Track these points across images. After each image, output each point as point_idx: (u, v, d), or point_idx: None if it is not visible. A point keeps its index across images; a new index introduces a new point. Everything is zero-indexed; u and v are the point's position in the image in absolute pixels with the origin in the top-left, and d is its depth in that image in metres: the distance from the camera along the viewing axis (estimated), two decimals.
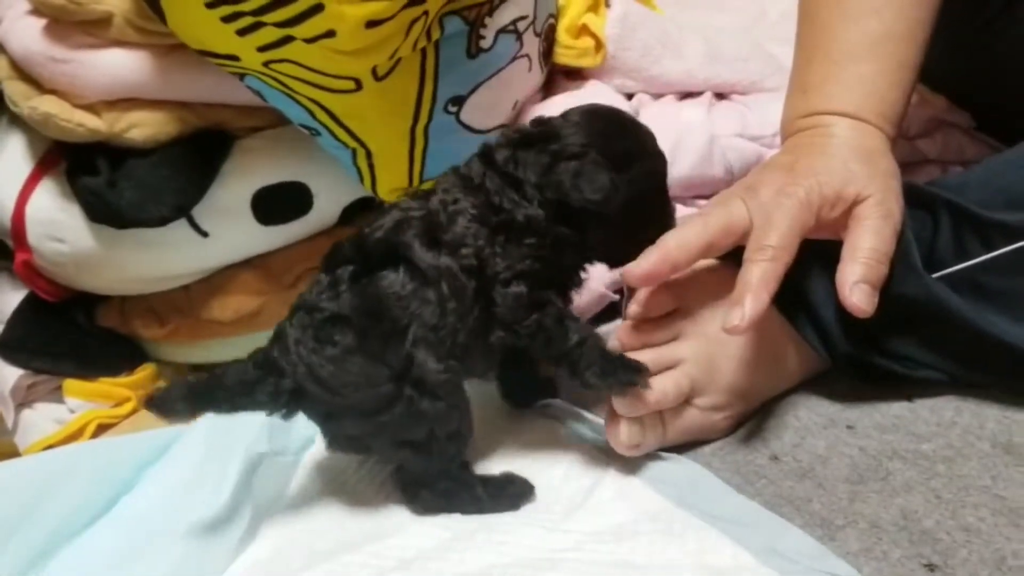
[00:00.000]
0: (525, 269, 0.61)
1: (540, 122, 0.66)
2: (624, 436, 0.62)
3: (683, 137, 0.89)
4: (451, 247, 0.61)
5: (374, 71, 0.75)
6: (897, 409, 0.66)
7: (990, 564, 0.52)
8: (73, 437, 0.86)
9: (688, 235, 0.63)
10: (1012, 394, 0.64)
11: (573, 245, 0.64)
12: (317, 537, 0.66)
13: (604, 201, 0.61)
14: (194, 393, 0.62)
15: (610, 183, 0.61)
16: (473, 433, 0.64)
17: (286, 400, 0.61)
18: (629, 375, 0.60)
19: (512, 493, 0.63)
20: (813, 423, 0.66)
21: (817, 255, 0.66)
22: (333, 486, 0.71)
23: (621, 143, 0.64)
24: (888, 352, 0.66)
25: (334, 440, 0.64)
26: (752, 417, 0.67)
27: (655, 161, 0.66)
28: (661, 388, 0.62)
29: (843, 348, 0.66)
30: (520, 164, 0.63)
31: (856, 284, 0.60)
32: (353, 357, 0.59)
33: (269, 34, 0.70)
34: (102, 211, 0.81)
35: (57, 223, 0.84)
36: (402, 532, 0.64)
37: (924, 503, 0.57)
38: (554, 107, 0.92)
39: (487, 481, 0.64)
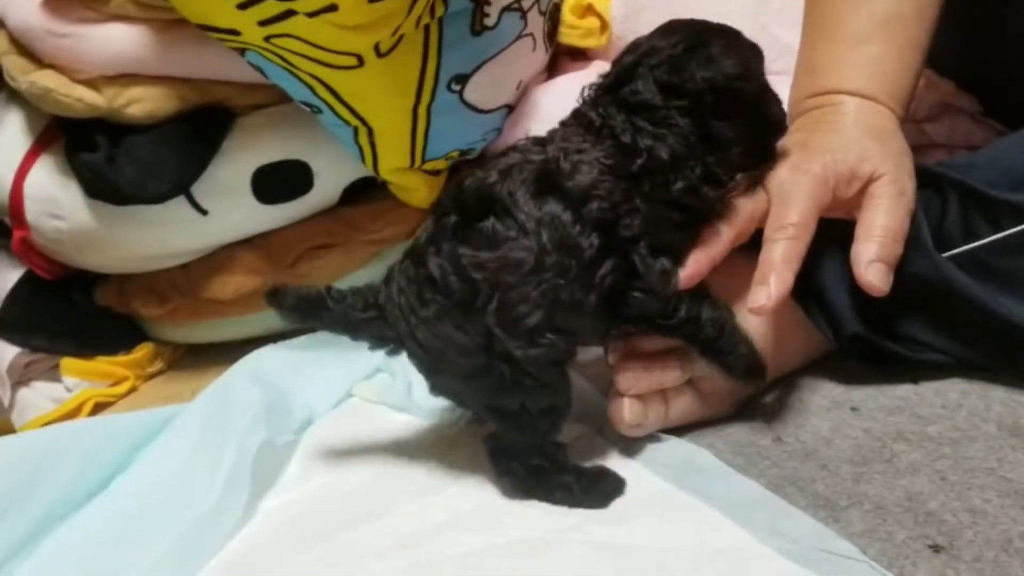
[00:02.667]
0: (669, 240, 0.58)
1: (628, 49, 0.61)
2: (627, 415, 0.61)
3: None
4: (574, 198, 0.56)
5: (376, 47, 0.74)
6: (903, 391, 0.65)
7: (996, 545, 0.51)
8: (70, 415, 0.86)
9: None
10: (1019, 376, 0.63)
11: (720, 157, 0.59)
12: (314, 517, 0.65)
13: (747, 74, 0.59)
14: (306, 306, 0.61)
15: (746, 55, 0.60)
16: (571, 410, 0.60)
17: (390, 347, 0.61)
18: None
19: (604, 489, 0.59)
20: (817, 405, 0.65)
21: (824, 235, 0.65)
22: (331, 467, 0.70)
23: (722, 29, 0.62)
24: (895, 334, 0.66)
25: (435, 388, 0.62)
26: (756, 398, 0.66)
27: (756, 52, 0.64)
28: (666, 365, 0.61)
29: (850, 329, 0.65)
30: (638, 79, 0.58)
31: (872, 263, 0.59)
32: (442, 323, 0.56)
33: (270, 7, 0.70)
34: (100, 188, 0.81)
35: (55, 200, 0.83)
36: (399, 512, 0.63)
37: (929, 485, 0.56)
38: (558, 88, 0.92)
39: (580, 471, 0.60)
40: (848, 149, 0.62)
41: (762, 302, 0.57)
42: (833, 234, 0.63)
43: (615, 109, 0.58)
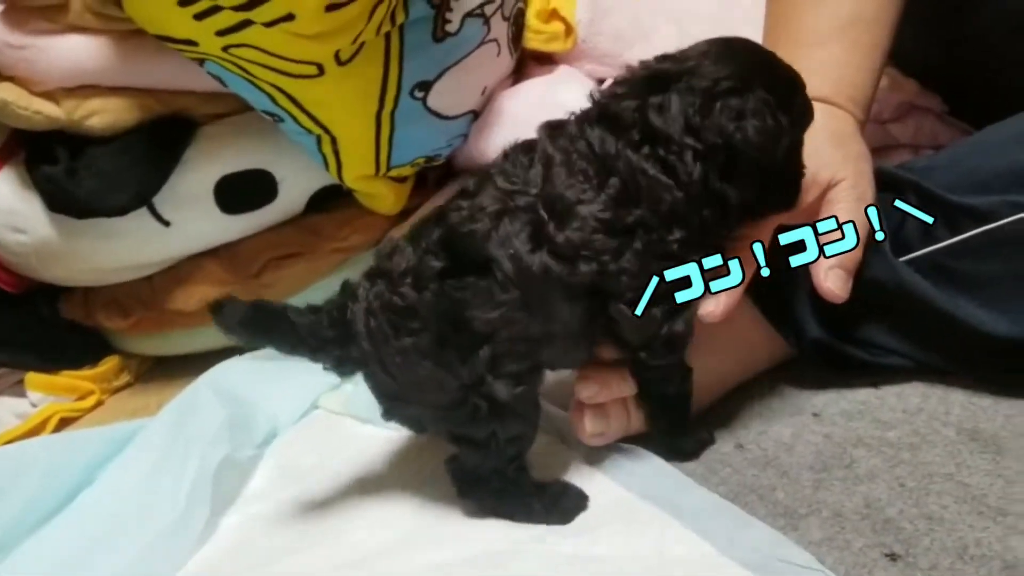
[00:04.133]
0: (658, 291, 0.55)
1: (667, 57, 0.57)
2: (588, 424, 0.61)
3: None
4: (562, 254, 0.54)
5: (337, 55, 0.74)
6: (863, 396, 0.65)
7: (952, 553, 0.51)
8: (35, 431, 0.85)
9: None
10: (978, 380, 0.63)
11: (723, 213, 0.55)
12: (276, 533, 0.65)
13: (769, 145, 0.54)
14: (258, 320, 0.57)
15: (777, 124, 0.54)
16: (535, 437, 0.60)
17: (350, 367, 0.58)
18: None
19: (566, 506, 0.59)
20: (779, 410, 0.65)
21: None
22: (294, 481, 0.70)
23: (778, 75, 0.57)
24: (856, 339, 0.66)
25: (390, 413, 0.60)
26: (718, 405, 0.66)
27: (806, 98, 0.59)
28: (627, 375, 0.61)
29: (811, 335, 0.65)
30: (671, 94, 0.54)
31: (831, 269, 0.59)
32: (425, 360, 0.55)
33: (227, 18, 0.69)
34: (62, 201, 0.80)
35: (17, 213, 0.82)
36: (363, 526, 0.63)
37: (888, 491, 0.56)
38: (524, 93, 0.91)
39: (542, 489, 0.59)
40: (807, 156, 0.62)
41: (709, 309, 0.57)
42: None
43: (634, 134, 0.54)
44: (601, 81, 0.95)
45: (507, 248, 0.53)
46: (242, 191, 0.84)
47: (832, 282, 0.58)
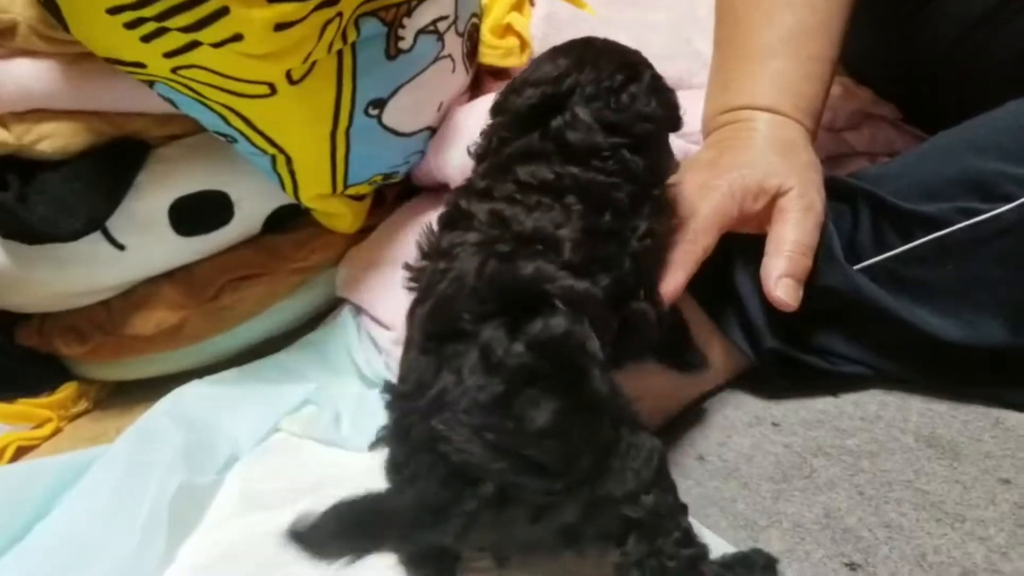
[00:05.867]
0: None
1: (525, 84, 0.58)
2: None
3: None
4: (584, 271, 0.51)
5: (288, 75, 0.73)
6: (823, 404, 0.65)
7: (911, 561, 0.51)
8: None
9: None
10: (935, 386, 0.64)
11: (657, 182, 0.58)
12: (236, 560, 0.64)
13: (677, 113, 0.59)
14: (351, 526, 0.46)
15: (670, 90, 0.59)
16: None
17: (490, 515, 0.46)
18: None
19: None
20: (739, 421, 0.65)
21: (741, 252, 0.65)
22: (255, 507, 0.69)
23: (634, 54, 0.61)
24: (813, 347, 0.66)
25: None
26: (678, 416, 0.66)
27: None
28: None
29: (768, 345, 0.65)
30: (571, 126, 0.55)
31: (780, 278, 0.59)
32: (567, 415, 0.46)
33: (174, 39, 0.68)
34: (13, 227, 0.78)
35: None
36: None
37: (847, 500, 0.56)
38: (481, 108, 0.91)
39: None
40: (755, 165, 0.62)
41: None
42: (748, 251, 0.63)
43: (559, 160, 0.54)
44: None
45: (556, 280, 0.50)
46: (197, 213, 0.82)
47: (782, 291, 0.58)
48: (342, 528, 0.46)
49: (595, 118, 0.55)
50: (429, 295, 0.52)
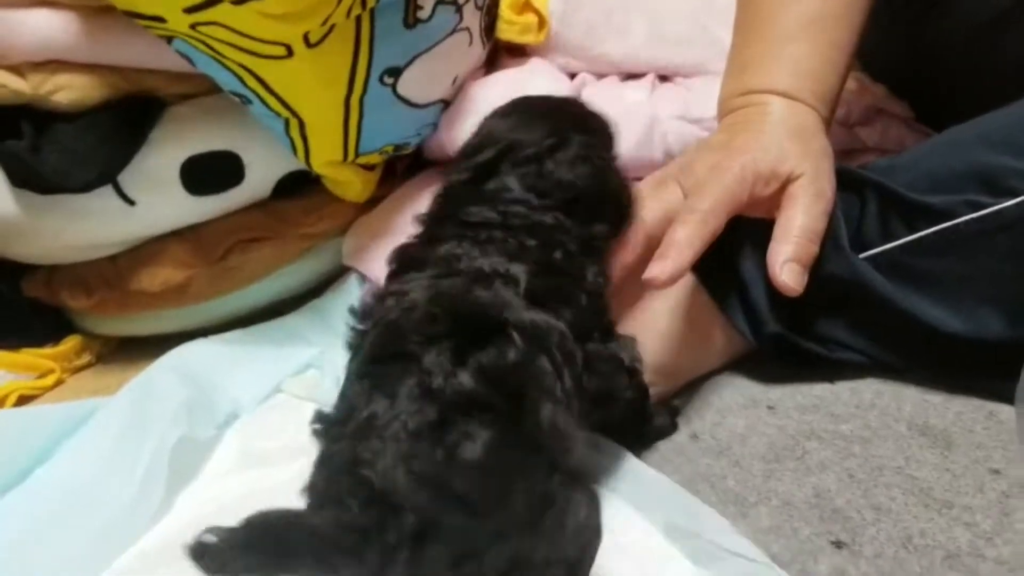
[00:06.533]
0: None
1: (484, 140, 0.60)
2: None
3: (624, 119, 0.87)
4: (543, 304, 0.50)
5: (306, 37, 0.73)
6: (819, 390, 0.66)
7: (896, 542, 0.51)
8: None
9: (627, 234, 0.61)
10: (931, 377, 0.64)
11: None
12: (231, 513, 0.64)
13: (606, 180, 0.58)
14: (263, 541, 0.43)
15: (601, 157, 0.58)
16: None
17: (407, 549, 0.42)
18: None
19: None
20: (735, 403, 0.66)
21: (748, 236, 0.66)
22: (253, 463, 0.70)
23: (578, 115, 0.62)
24: (813, 334, 0.67)
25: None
26: (676, 396, 0.66)
27: (603, 123, 0.64)
28: None
29: (770, 329, 0.66)
30: (502, 176, 0.56)
31: (786, 263, 0.60)
32: (503, 451, 0.43)
33: None
34: (25, 176, 0.79)
35: None
36: None
37: (837, 482, 0.57)
38: (496, 83, 0.91)
39: None
40: (768, 149, 0.63)
41: (654, 275, 0.57)
42: (755, 235, 0.64)
43: (501, 203, 0.55)
44: (573, 75, 0.96)
45: (510, 307, 0.48)
46: (208, 173, 0.83)
47: (787, 276, 0.59)
48: (253, 543, 0.43)
49: (521, 185, 0.56)
50: (376, 325, 0.49)
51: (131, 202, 0.82)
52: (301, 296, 0.90)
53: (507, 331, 0.46)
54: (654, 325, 0.66)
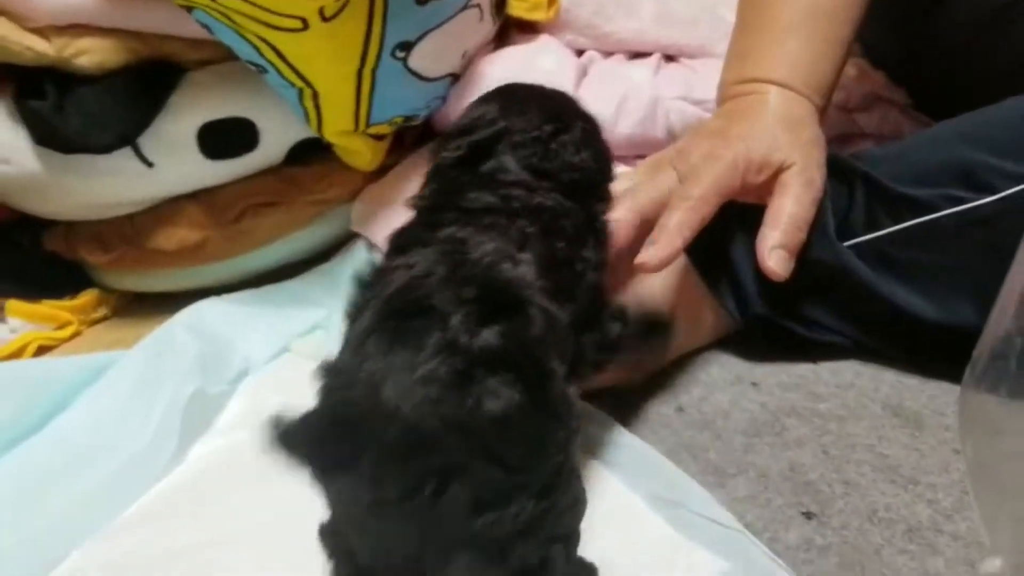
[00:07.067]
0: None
1: (475, 122, 0.60)
2: None
3: (628, 97, 0.90)
4: (550, 296, 0.50)
5: (321, 11, 0.76)
6: (802, 370, 0.69)
7: (862, 515, 0.55)
8: (13, 356, 0.87)
9: (619, 215, 0.63)
10: (908, 361, 0.68)
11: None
12: (241, 464, 0.67)
13: (607, 166, 0.60)
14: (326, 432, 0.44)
15: (599, 141, 0.61)
16: None
17: (433, 483, 0.41)
18: None
19: None
20: (721, 379, 0.69)
21: (739, 221, 0.69)
22: (258, 419, 0.72)
23: (570, 104, 0.63)
24: (798, 316, 0.70)
25: None
26: (663, 371, 0.70)
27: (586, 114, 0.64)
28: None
29: (756, 310, 0.69)
30: (500, 157, 0.57)
31: (774, 249, 0.63)
32: (528, 412, 0.43)
33: None
34: (48, 135, 0.82)
35: (2, 144, 0.84)
36: None
37: (812, 457, 0.60)
38: (504, 58, 0.94)
39: None
40: (762, 139, 0.65)
41: (645, 259, 0.60)
42: (746, 220, 0.67)
43: (499, 187, 0.55)
44: (580, 52, 0.98)
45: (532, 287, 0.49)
46: (224, 138, 0.85)
47: (774, 261, 0.62)
48: (316, 435, 0.44)
49: (522, 166, 0.57)
50: (384, 289, 0.48)
51: (150, 164, 0.85)
52: (310, 259, 0.93)
53: (529, 309, 0.46)
54: (648, 305, 0.69)
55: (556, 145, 0.58)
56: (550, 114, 0.60)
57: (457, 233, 0.51)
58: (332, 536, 0.49)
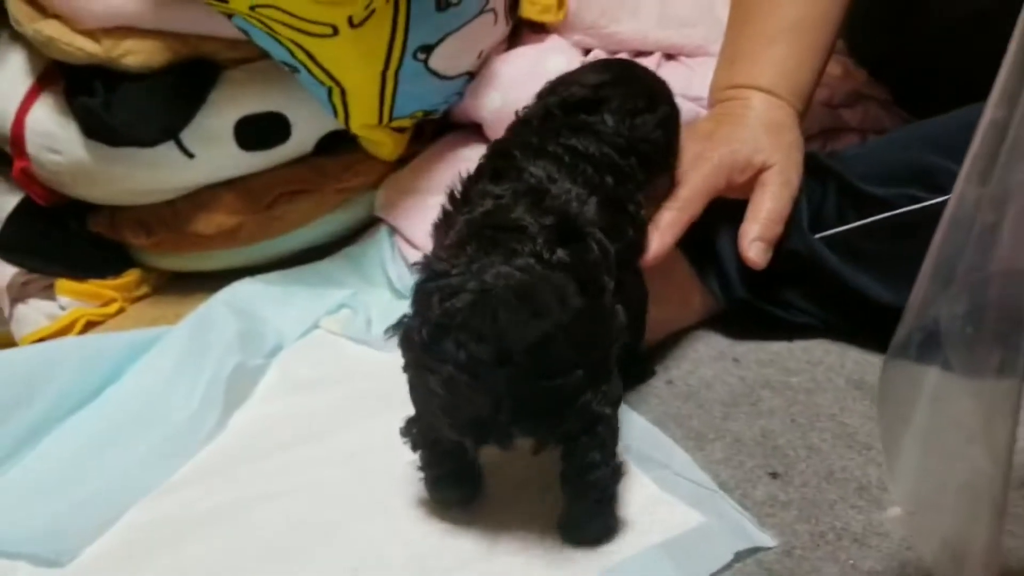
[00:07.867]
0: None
1: (571, 82, 0.71)
2: None
3: None
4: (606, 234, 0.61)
5: (350, 19, 0.83)
6: (777, 347, 0.77)
7: (821, 475, 0.63)
8: (63, 331, 0.94)
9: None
10: (872, 340, 0.75)
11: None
12: (277, 431, 0.74)
13: (675, 145, 0.71)
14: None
15: (677, 125, 0.71)
16: None
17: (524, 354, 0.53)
18: None
19: None
20: (707, 355, 0.77)
21: (725, 215, 0.76)
22: (294, 389, 0.79)
23: (663, 89, 0.74)
24: (775, 299, 0.77)
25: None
26: (656, 348, 0.77)
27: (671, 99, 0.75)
28: None
29: (739, 294, 0.77)
30: (601, 122, 0.67)
31: (754, 241, 0.71)
32: (594, 313, 0.56)
33: None
34: (97, 129, 0.88)
35: (54, 136, 0.90)
36: (350, 430, 0.72)
37: (781, 425, 0.68)
38: (516, 58, 1.01)
39: None
40: (746, 142, 0.73)
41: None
42: (732, 214, 0.74)
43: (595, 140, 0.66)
44: (587, 51, 1.04)
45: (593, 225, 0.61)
46: (259, 131, 0.92)
47: (754, 252, 0.70)
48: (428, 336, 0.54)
49: (615, 128, 0.67)
50: (474, 209, 0.60)
51: (190, 155, 0.91)
52: (337, 242, 1.00)
53: (589, 241, 0.59)
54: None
55: (640, 120, 0.68)
56: (646, 93, 0.70)
57: (550, 170, 0.62)
58: (417, 427, 0.61)
